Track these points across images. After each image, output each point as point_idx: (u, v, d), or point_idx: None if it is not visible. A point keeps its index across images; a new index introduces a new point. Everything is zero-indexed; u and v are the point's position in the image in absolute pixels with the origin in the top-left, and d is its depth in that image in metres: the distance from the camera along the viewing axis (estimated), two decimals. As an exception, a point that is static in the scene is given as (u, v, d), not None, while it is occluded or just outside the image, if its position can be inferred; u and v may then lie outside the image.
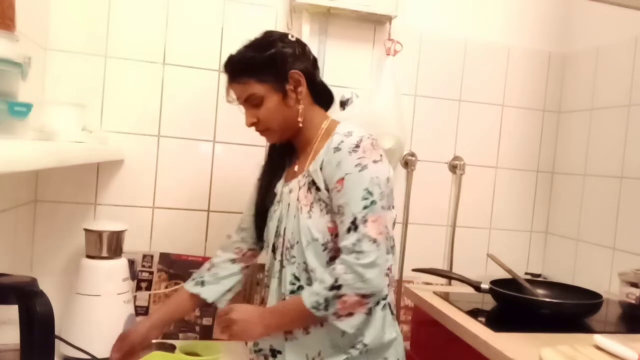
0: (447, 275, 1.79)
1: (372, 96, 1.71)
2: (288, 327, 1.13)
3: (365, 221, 1.05)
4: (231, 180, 1.70)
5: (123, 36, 1.60)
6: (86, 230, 1.45)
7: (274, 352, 1.17)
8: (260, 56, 1.16)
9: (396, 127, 1.70)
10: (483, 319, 1.42)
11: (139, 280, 1.61)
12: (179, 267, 1.63)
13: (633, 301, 1.54)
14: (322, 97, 1.25)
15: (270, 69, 1.15)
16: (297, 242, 1.13)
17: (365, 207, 1.06)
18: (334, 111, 1.32)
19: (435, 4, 1.88)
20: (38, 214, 1.56)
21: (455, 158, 1.92)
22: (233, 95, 1.22)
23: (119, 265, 1.46)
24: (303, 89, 1.18)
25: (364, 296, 1.04)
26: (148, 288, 1.62)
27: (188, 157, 1.67)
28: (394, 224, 1.17)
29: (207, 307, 1.63)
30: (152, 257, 1.63)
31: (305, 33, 1.70)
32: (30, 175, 1.52)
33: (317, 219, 1.12)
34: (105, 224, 1.46)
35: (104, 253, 1.44)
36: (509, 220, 2.00)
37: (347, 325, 1.06)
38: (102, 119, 1.60)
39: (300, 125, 1.19)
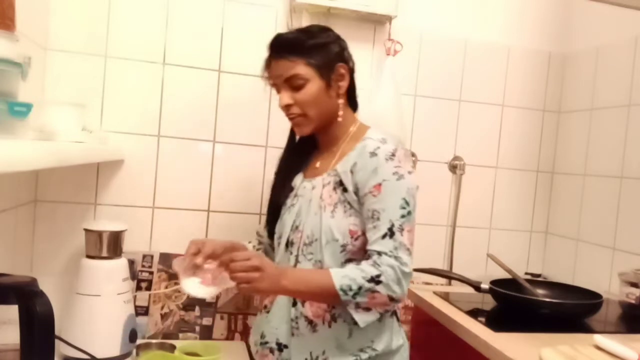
0: (447, 275, 1.79)
1: (372, 96, 1.70)
2: (303, 297, 1.12)
3: (402, 230, 1.07)
4: (231, 180, 1.70)
5: (123, 36, 1.60)
6: (86, 230, 1.45)
7: (280, 346, 1.16)
8: (314, 40, 1.16)
9: (396, 127, 1.70)
10: (483, 319, 1.42)
11: (139, 280, 1.62)
12: (179, 267, 1.63)
13: (633, 301, 1.54)
14: (353, 101, 1.26)
15: (320, 55, 1.16)
16: (316, 240, 1.13)
17: (402, 216, 1.08)
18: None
19: (435, 4, 1.88)
20: (38, 214, 1.56)
21: (455, 158, 1.92)
22: (269, 73, 1.20)
23: (119, 265, 1.46)
24: (345, 84, 1.19)
25: (391, 299, 1.05)
26: (148, 288, 1.62)
27: (188, 157, 1.67)
28: None
29: (208, 307, 1.64)
30: (152, 257, 1.63)
31: (305, 33, 1.70)
32: (30, 175, 1.52)
33: (340, 219, 1.12)
34: (105, 224, 1.46)
35: (104, 253, 1.44)
36: (509, 220, 2.00)
37: (361, 318, 1.06)
38: (102, 119, 1.60)
39: (340, 119, 1.20)
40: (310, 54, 1.15)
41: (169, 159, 1.66)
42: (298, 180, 1.25)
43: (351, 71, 1.22)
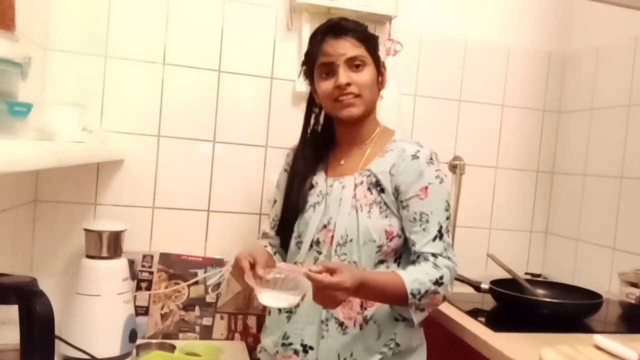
0: (447, 275, 1.79)
1: (372, 96, 1.70)
2: (373, 300, 1.13)
3: (448, 231, 1.13)
4: (231, 180, 1.70)
5: (123, 36, 1.60)
6: (86, 230, 1.45)
7: (305, 348, 1.15)
8: (370, 34, 1.23)
9: (396, 127, 1.69)
10: (483, 319, 1.42)
11: (139, 280, 1.61)
12: (178, 267, 1.63)
13: (633, 301, 1.54)
14: None
15: (375, 47, 1.22)
16: (351, 240, 1.13)
17: (447, 218, 1.14)
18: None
19: (435, 4, 1.88)
20: (38, 214, 1.56)
21: (455, 158, 1.92)
22: (328, 51, 1.17)
23: (119, 265, 1.46)
24: (385, 82, 1.24)
25: (444, 299, 1.11)
26: (148, 288, 1.62)
27: (188, 157, 1.67)
28: None
29: (208, 307, 1.64)
30: (152, 257, 1.63)
31: (305, 33, 1.70)
32: (30, 175, 1.52)
33: (376, 220, 1.13)
34: (105, 224, 1.46)
35: (104, 253, 1.44)
36: (509, 220, 2.00)
37: (417, 318, 1.10)
38: (102, 119, 1.60)
39: (375, 113, 1.24)
40: (369, 42, 1.21)
41: (169, 159, 1.65)
42: (320, 178, 1.23)
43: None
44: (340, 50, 1.16)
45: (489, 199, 1.98)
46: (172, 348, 1.47)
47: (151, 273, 1.63)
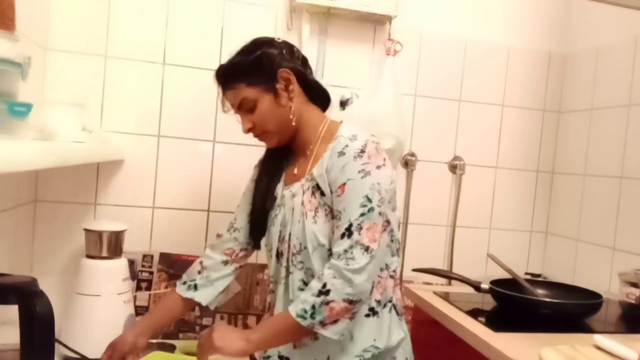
0: (447, 275, 1.79)
1: (372, 96, 1.70)
2: (273, 342, 1.09)
3: (360, 228, 1.04)
4: (231, 180, 1.70)
5: (123, 36, 1.60)
6: (86, 230, 1.45)
7: (282, 359, 1.15)
8: (247, 59, 1.16)
9: (396, 127, 1.70)
10: (483, 319, 1.42)
11: (139, 280, 1.62)
12: (179, 267, 1.63)
13: (633, 301, 1.54)
14: (318, 96, 1.24)
15: (258, 71, 1.15)
16: (305, 248, 1.12)
17: (362, 215, 1.05)
18: (334, 111, 1.31)
19: (435, 4, 1.88)
20: (38, 214, 1.56)
21: (455, 158, 1.92)
22: (228, 105, 1.22)
23: (119, 265, 1.46)
24: (294, 87, 1.17)
25: (350, 302, 1.02)
26: (148, 288, 1.62)
27: (188, 157, 1.67)
28: (399, 225, 1.17)
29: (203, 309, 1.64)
30: (152, 257, 1.63)
31: (305, 33, 1.70)
32: (30, 175, 1.52)
33: (323, 224, 1.11)
34: (105, 224, 1.46)
35: (104, 253, 1.44)
36: (509, 220, 2.00)
37: (332, 332, 1.03)
38: (102, 119, 1.60)
39: (294, 123, 1.18)
40: (248, 74, 1.15)
41: (169, 159, 1.66)
42: (279, 189, 1.24)
43: (297, 70, 1.18)
44: (230, 101, 1.20)
45: (488, 199, 1.98)
46: (172, 348, 1.47)
47: (151, 273, 1.63)
